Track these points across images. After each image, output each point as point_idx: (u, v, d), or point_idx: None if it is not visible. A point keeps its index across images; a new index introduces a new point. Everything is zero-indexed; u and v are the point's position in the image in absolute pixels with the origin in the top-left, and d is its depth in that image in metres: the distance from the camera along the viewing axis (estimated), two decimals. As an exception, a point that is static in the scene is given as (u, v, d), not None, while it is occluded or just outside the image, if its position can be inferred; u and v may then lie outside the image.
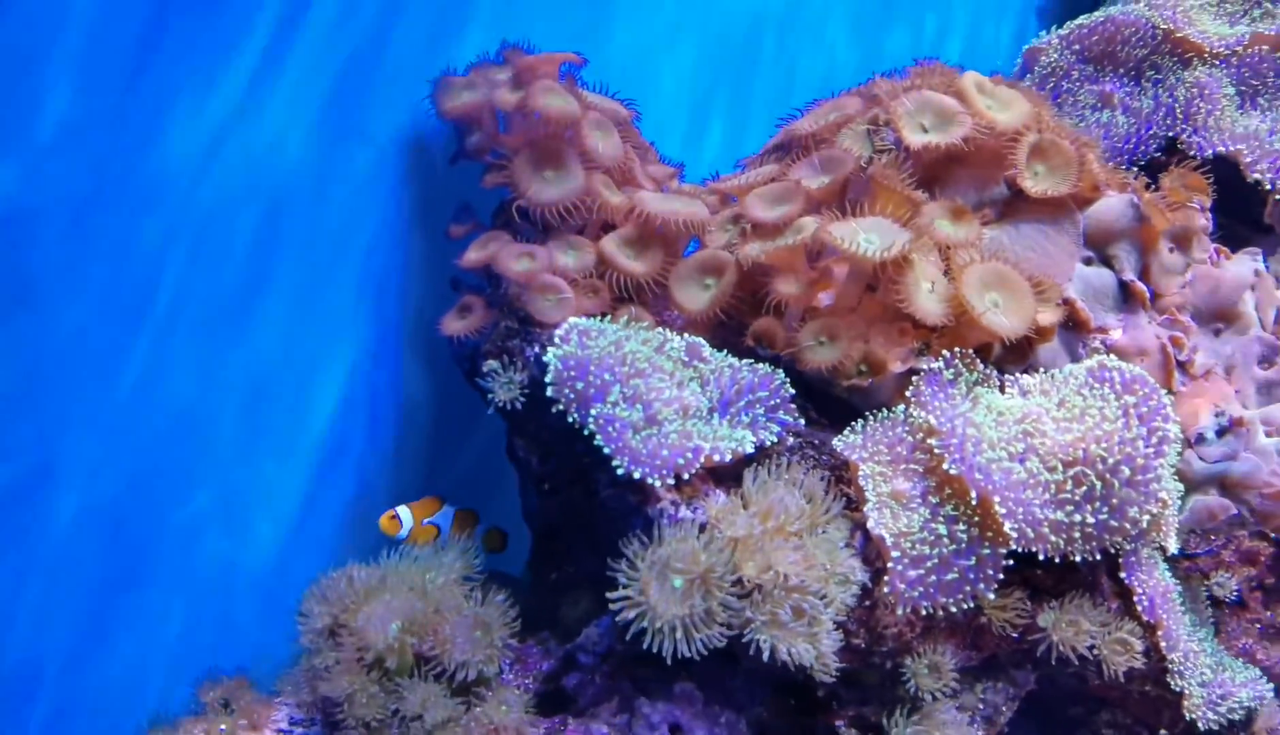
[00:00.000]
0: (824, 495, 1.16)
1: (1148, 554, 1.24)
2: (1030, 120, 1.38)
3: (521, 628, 1.36)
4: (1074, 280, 1.36)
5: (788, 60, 2.06)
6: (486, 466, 1.63)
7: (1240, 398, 1.38)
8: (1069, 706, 1.73)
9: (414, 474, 1.62)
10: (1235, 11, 2.06)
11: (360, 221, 1.46)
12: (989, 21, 2.48)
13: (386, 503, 1.57)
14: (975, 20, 2.44)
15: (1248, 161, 1.87)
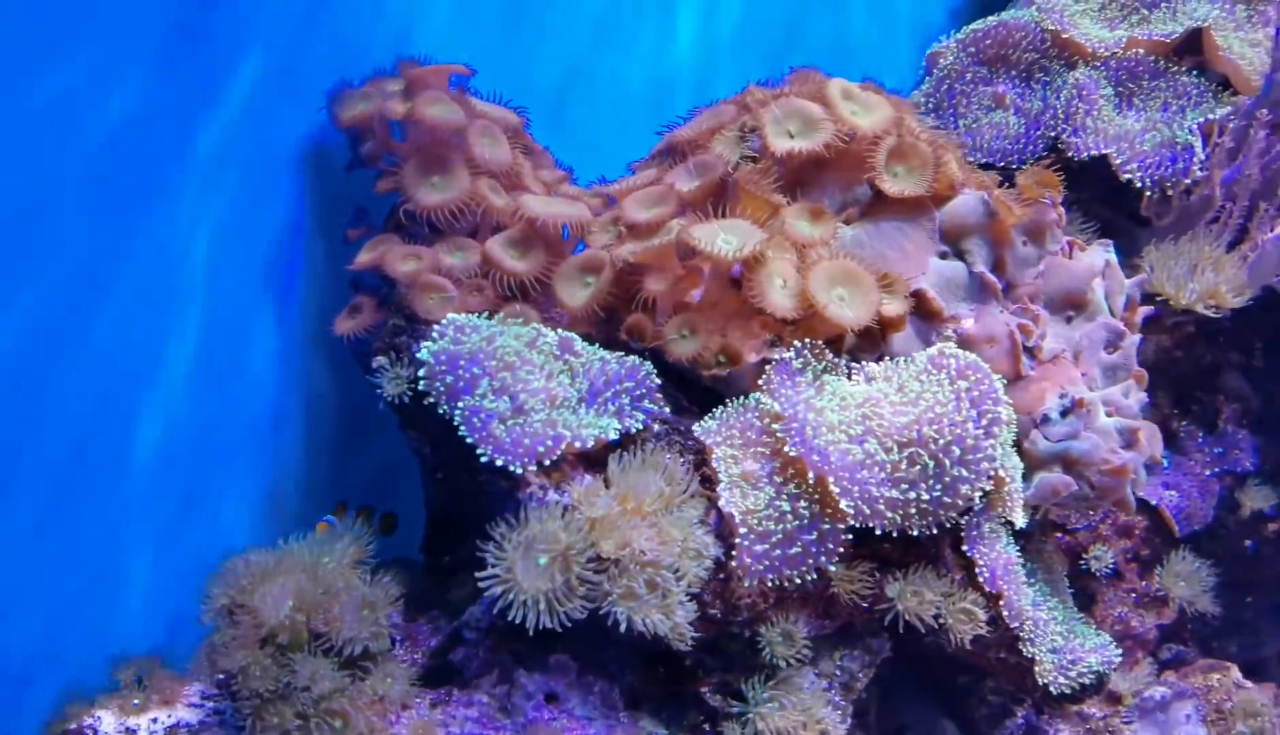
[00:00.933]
0: (682, 477, 1.26)
1: (990, 528, 1.34)
2: (890, 125, 1.48)
3: (415, 608, 1.46)
4: (929, 273, 1.46)
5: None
6: (394, 458, 1.71)
7: (1086, 380, 1.47)
8: (958, 675, 1.84)
9: (326, 468, 1.71)
10: (1115, 16, 2.16)
11: (265, 226, 1.54)
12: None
13: (300, 496, 1.66)
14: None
15: (1118, 162, 1.97)
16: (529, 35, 1.84)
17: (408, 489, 1.63)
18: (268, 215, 1.53)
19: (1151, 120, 2.04)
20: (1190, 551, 1.94)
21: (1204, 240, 1.92)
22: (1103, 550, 1.92)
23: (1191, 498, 1.94)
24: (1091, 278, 1.52)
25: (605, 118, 1.95)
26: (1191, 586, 1.92)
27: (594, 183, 1.60)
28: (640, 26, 2.03)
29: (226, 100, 1.46)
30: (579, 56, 1.92)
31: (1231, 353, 2.04)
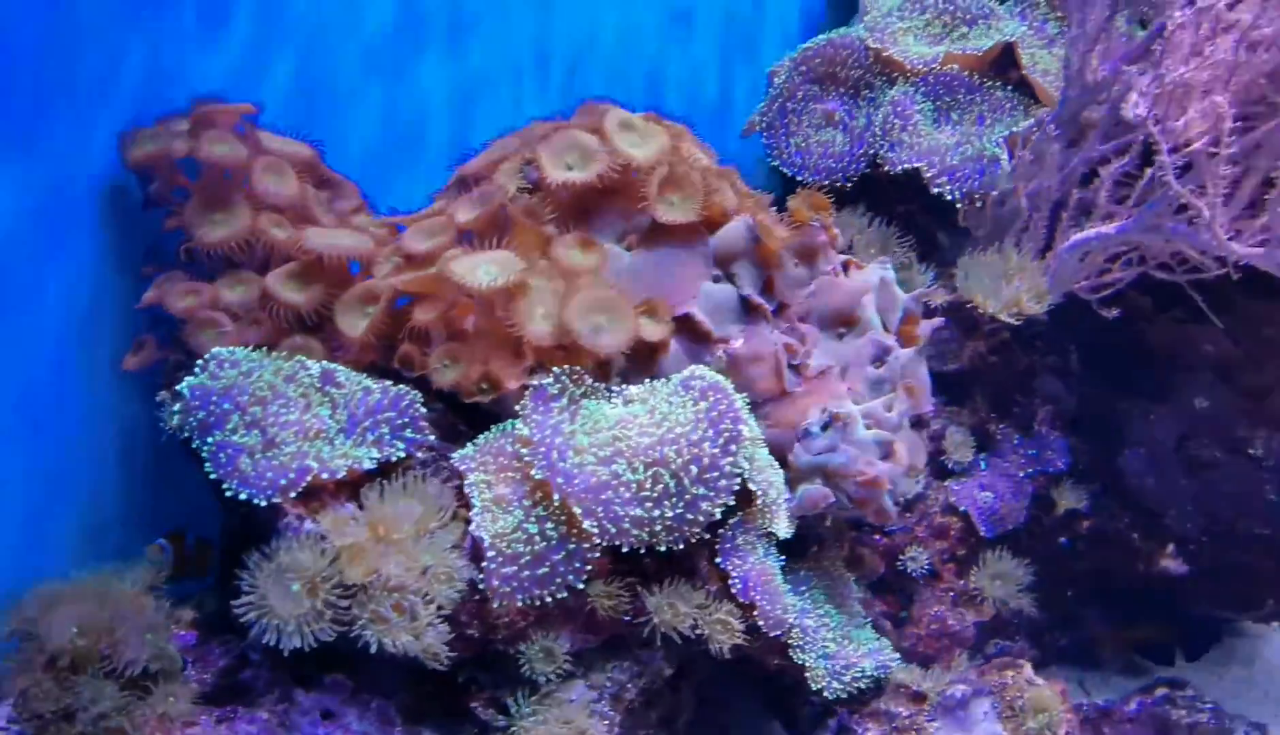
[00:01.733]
0: (440, 503, 1.31)
1: (745, 540, 1.40)
2: (664, 155, 1.54)
3: (212, 630, 1.51)
4: (700, 296, 1.52)
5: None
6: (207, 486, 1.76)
7: (853, 394, 1.54)
8: (784, 676, 1.91)
9: (143, 496, 1.75)
10: (939, 33, 2.23)
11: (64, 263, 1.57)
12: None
13: (117, 524, 1.70)
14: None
15: (928, 175, 2.05)
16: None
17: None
18: (72, 252, 1.56)
19: (966, 134, 2.12)
20: (1006, 550, 2.02)
21: (1011, 249, 1.99)
22: (918, 551, 1.99)
23: (1006, 498, 2.02)
24: (861, 295, 1.59)
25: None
26: (1007, 585, 2.00)
27: (384, 214, 1.66)
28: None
29: (34, 144, 1.50)
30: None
31: (1048, 357, 2.12)
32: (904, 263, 2.10)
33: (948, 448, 2.03)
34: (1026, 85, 2.17)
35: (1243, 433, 2.05)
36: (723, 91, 2.48)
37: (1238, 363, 2.12)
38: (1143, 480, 2.02)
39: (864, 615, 1.67)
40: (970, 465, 2.05)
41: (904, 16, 2.24)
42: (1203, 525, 1.98)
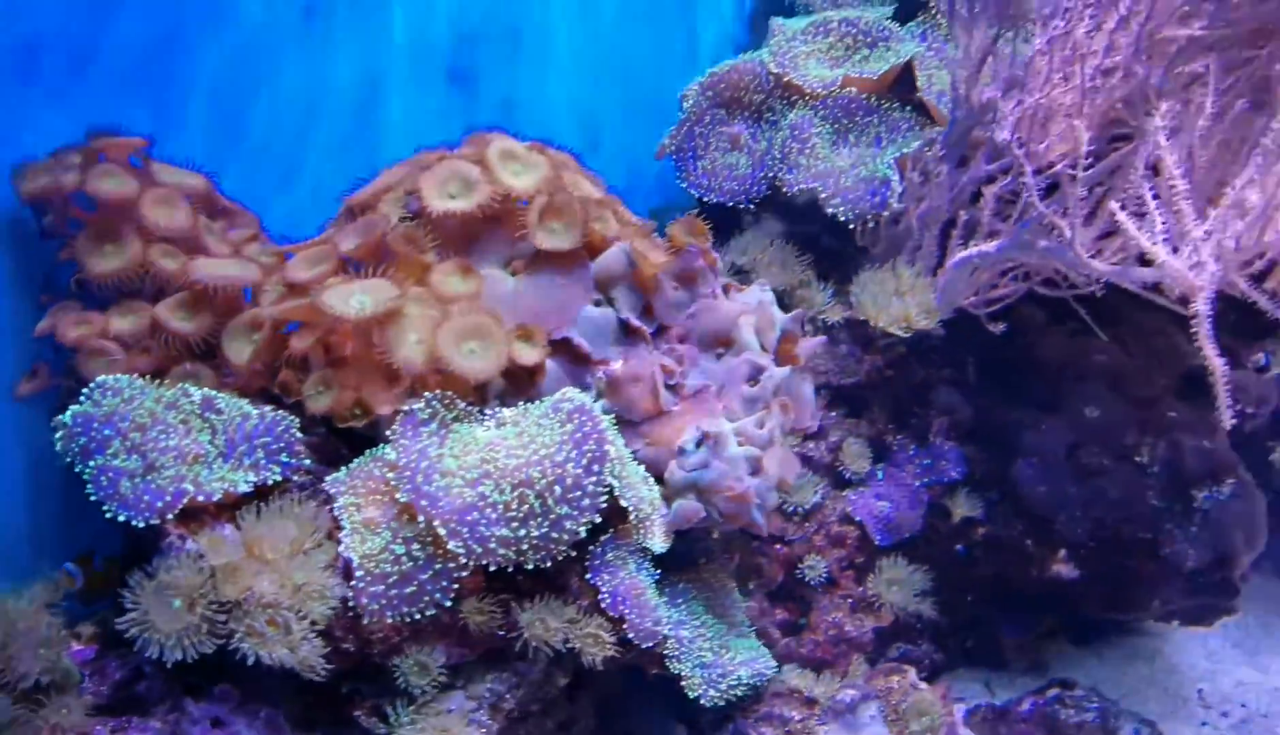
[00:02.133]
0: (313, 524, 1.37)
1: (615, 556, 1.46)
2: (545, 184, 1.59)
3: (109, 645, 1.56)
4: (581, 321, 1.58)
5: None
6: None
7: (728, 412, 1.60)
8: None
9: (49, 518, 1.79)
10: (840, 56, 2.30)
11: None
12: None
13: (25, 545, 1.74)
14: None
15: (822, 197, 2.11)
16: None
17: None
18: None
19: (862, 156, 2.19)
20: (903, 558, 2.09)
21: (902, 267, 2.06)
22: (816, 560, 2.05)
23: (902, 507, 2.09)
24: (738, 317, 1.65)
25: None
26: (903, 591, 2.07)
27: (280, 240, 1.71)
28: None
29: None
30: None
31: (944, 370, 2.19)
32: (803, 281, 2.17)
33: (845, 458, 2.10)
34: (926, 106, 2.25)
35: (1130, 440, 2.12)
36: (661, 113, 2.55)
37: (1128, 373, 2.20)
38: (1034, 488, 2.09)
39: (747, 624, 1.73)
40: (868, 475, 2.11)
41: (807, 40, 2.30)
42: (1091, 531, 2.05)
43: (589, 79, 2.45)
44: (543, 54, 2.37)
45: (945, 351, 2.18)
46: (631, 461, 1.51)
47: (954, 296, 2.02)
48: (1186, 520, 2.05)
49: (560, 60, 2.42)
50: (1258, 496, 2.09)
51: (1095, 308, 2.16)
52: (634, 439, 1.57)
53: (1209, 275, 1.41)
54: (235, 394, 1.51)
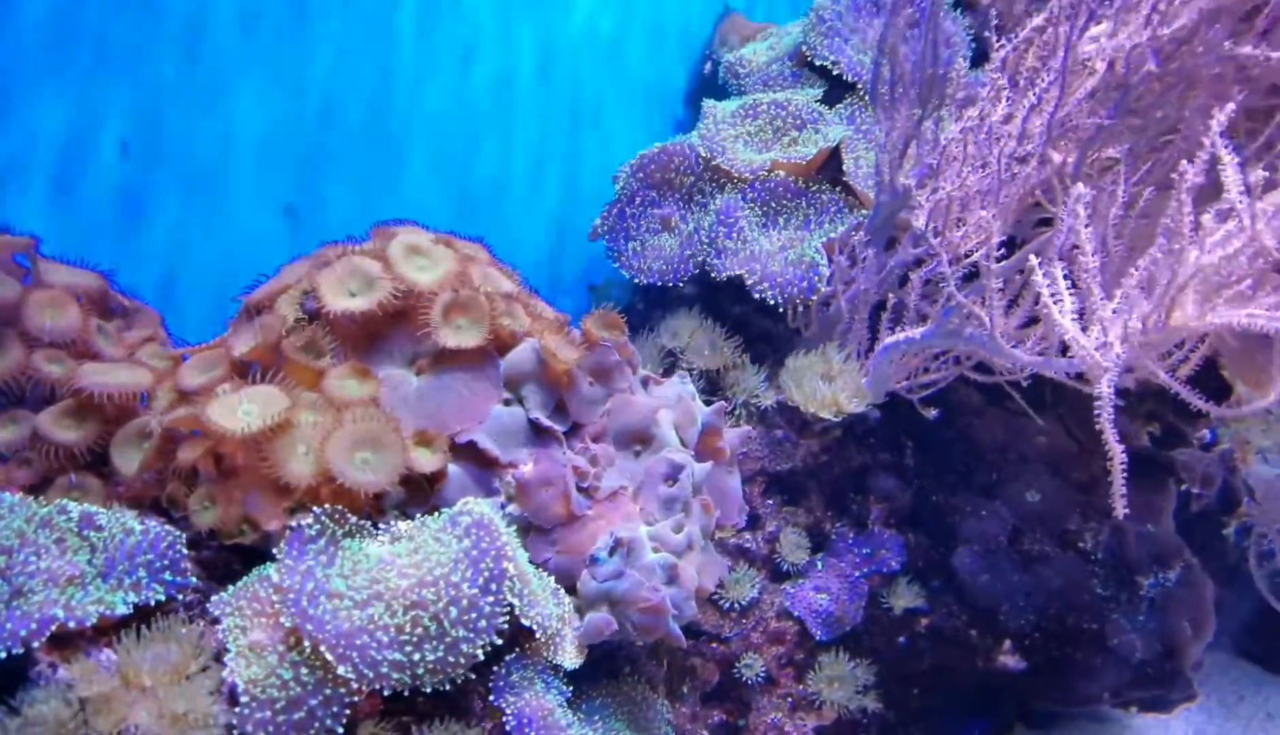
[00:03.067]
0: (198, 646, 1.28)
1: (521, 676, 1.38)
2: (450, 279, 1.54)
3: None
4: (489, 420, 1.52)
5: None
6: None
7: (645, 515, 1.54)
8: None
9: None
10: (769, 139, 2.28)
11: None
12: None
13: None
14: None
15: (750, 282, 2.08)
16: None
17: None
18: None
19: (791, 238, 2.16)
20: (844, 652, 2.01)
21: (831, 351, 2.02)
22: (753, 658, 1.97)
23: (841, 600, 2.02)
24: (656, 413, 1.59)
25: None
26: (844, 687, 1.99)
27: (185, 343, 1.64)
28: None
29: None
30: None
31: (882, 454, 2.14)
32: (735, 363, 2.12)
33: (783, 550, 2.04)
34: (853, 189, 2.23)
35: (1073, 526, 2.07)
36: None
37: (1070, 455, 2.16)
38: (976, 577, 2.03)
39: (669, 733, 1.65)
40: (806, 567, 2.05)
41: (737, 123, 2.29)
42: (1035, 621, 1.99)
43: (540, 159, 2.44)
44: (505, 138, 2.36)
45: (883, 435, 2.13)
46: (538, 575, 1.44)
47: (883, 381, 1.98)
48: (1133, 609, 1.99)
49: (515, 144, 2.41)
50: (1205, 582, 2.04)
51: (1036, 387, 2.13)
52: (545, 547, 1.50)
53: (1114, 357, 1.38)
54: (126, 505, 1.43)
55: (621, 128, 2.62)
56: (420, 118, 2.26)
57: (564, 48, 2.50)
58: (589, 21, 2.52)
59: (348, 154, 2.16)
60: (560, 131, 2.52)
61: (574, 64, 2.54)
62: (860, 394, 1.98)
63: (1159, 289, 1.34)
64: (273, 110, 2.03)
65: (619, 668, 1.67)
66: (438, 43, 2.27)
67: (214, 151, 1.97)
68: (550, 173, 2.51)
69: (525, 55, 2.43)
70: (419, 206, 2.31)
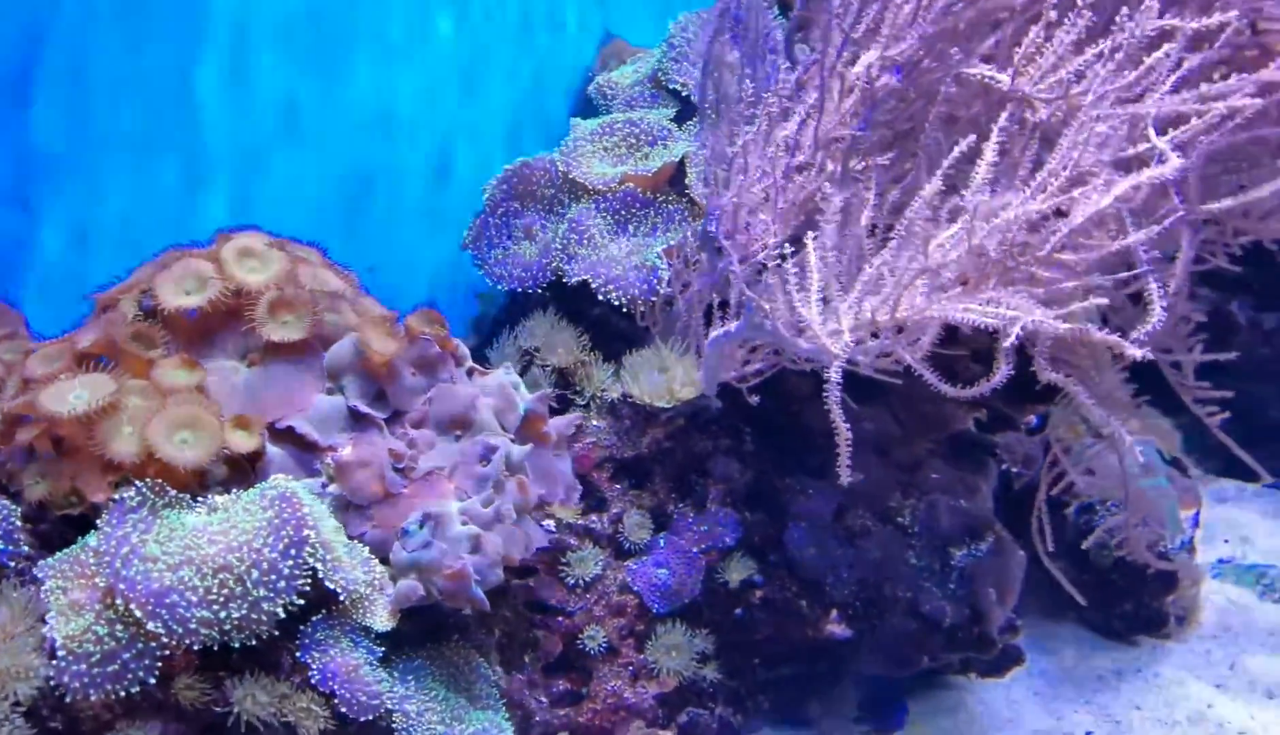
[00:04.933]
0: (25, 608, 1.44)
1: (327, 634, 1.53)
2: (279, 278, 1.71)
3: None
4: (312, 408, 1.68)
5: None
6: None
7: (459, 492, 1.70)
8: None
9: None
10: (623, 154, 2.47)
11: None
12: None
13: None
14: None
15: (595, 285, 2.25)
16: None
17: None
18: None
19: (637, 245, 2.34)
20: (683, 623, 2.17)
21: (665, 346, 2.19)
22: (595, 630, 2.13)
23: (679, 574, 2.18)
24: (474, 400, 1.76)
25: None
26: (681, 656, 2.15)
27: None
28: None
29: None
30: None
31: (723, 440, 2.30)
32: (585, 360, 2.29)
33: (626, 529, 2.20)
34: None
35: (894, 503, 2.24)
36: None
37: (894, 438, 2.33)
38: (804, 550, 2.20)
39: (495, 698, 1.80)
40: (650, 545, 2.21)
41: (595, 140, 2.47)
42: (856, 591, 2.16)
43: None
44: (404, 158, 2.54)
45: (724, 423, 2.30)
46: (348, 545, 1.59)
47: (715, 372, 2.15)
48: (944, 577, 2.16)
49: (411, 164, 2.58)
50: (1013, 553, 2.21)
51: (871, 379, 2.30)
52: (361, 522, 1.66)
53: (842, 344, 1.54)
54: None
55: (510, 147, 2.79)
56: (309, 132, 2.43)
57: (451, 72, 2.66)
58: (479, 51, 2.69)
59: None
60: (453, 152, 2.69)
61: (464, 87, 2.71)
62: (693, 384, 2.15)
63: (889, 283, 1.51)
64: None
65: (448, 635, 1.82)
66: (335, 64, 2.43)
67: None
68: (449, 189, 2.68)
69: (413, 80, 2.59)
70: (311, 218, 2.46)
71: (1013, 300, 1.46)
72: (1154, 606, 2.69)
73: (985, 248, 1.47)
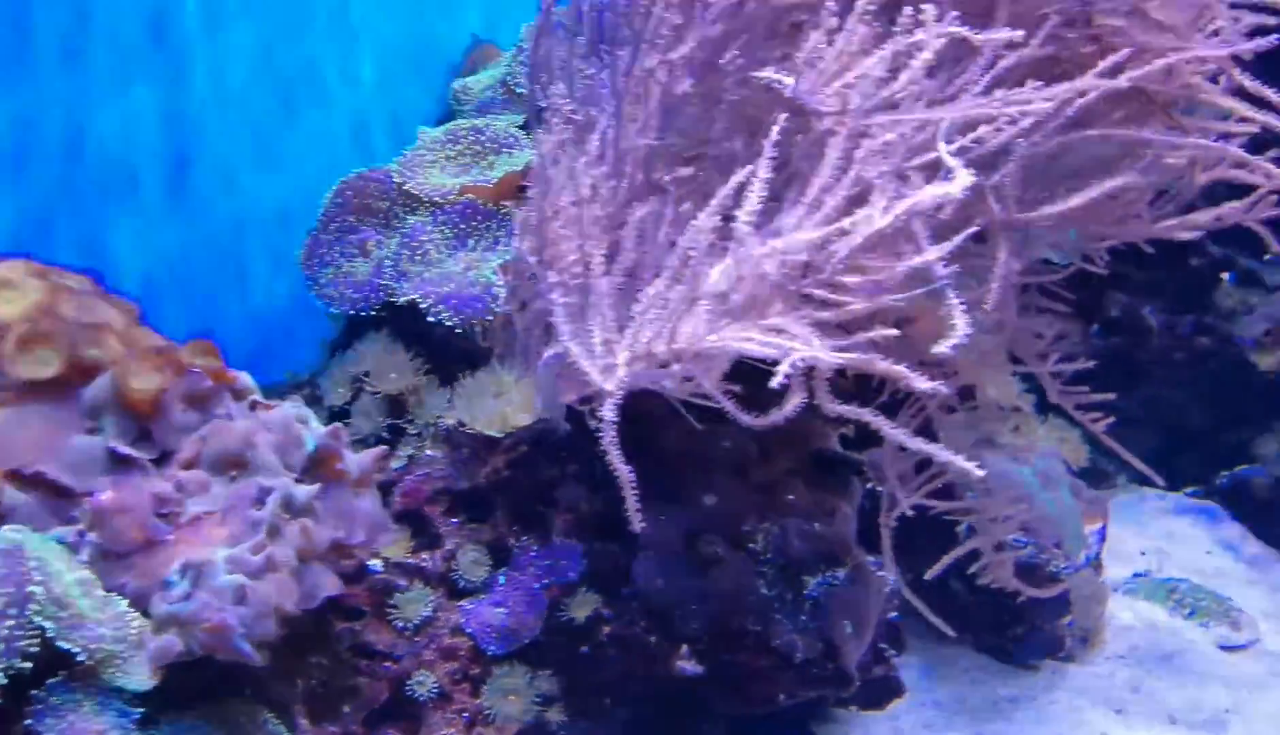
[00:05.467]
0: None
1: (66, 699, 1.40)
2: (35, 310, 1.58)
3: None
4: (68, 450, 1.55)
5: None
6: None
7: (231, 538, 1.57)
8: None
9: None
10: (467, 163, 2.34)
11: None
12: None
13: None
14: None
15: (425, 306, 2.13)
16: None
17: None
18: None
19: (476, 259, 2.21)
20: (522, 664, 2.04)
21: (501, 369, 2.07)
22: (425, 675, 2.00)
23: (518, 612, 2.05)
24: (250, 437, 1.63)
25: None
26: (521, 699, 2.02)
27: None
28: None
29: None
30: None
31: (571, 465, 2.18)
32: (420, 385, 2.17)
33: (460, 567, 2.07)
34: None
35: (748, 527, 2.12)
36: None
37: (752, 458, 2.21)
38: (653, 582, 2.07)
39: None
40: (489, 582, 2.08)
41: (439, 148, 2.35)
42: (706, 624, 2.03)
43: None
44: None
45: (572, 448, 2.18)
46: (99, 598, 1.46)
47: (552, 394, 2.02)
48: (796, 609, 2.04)
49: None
50: (871, 582, 2.09)
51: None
52: (121, 572, 1.52)
53: (617, 379, 1.43)
54: None
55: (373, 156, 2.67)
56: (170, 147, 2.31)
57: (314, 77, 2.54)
58: (343, 56, 2.57)
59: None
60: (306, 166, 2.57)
61: (330, 92, 2.59)
62: (528, 408, 2.03)
63: (665, 311, 1.39)
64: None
65: (240, 689, 1.69)
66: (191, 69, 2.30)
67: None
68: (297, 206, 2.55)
69: (278, 88, 2.47)
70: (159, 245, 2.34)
71: (795, 328, 1.34)
72: (1047, 630, 2.58)
73: (766, 271, 1.35)
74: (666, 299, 1.40)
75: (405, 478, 2.09)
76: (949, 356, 1.32)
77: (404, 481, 2.09)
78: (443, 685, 2.00)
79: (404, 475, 2.10)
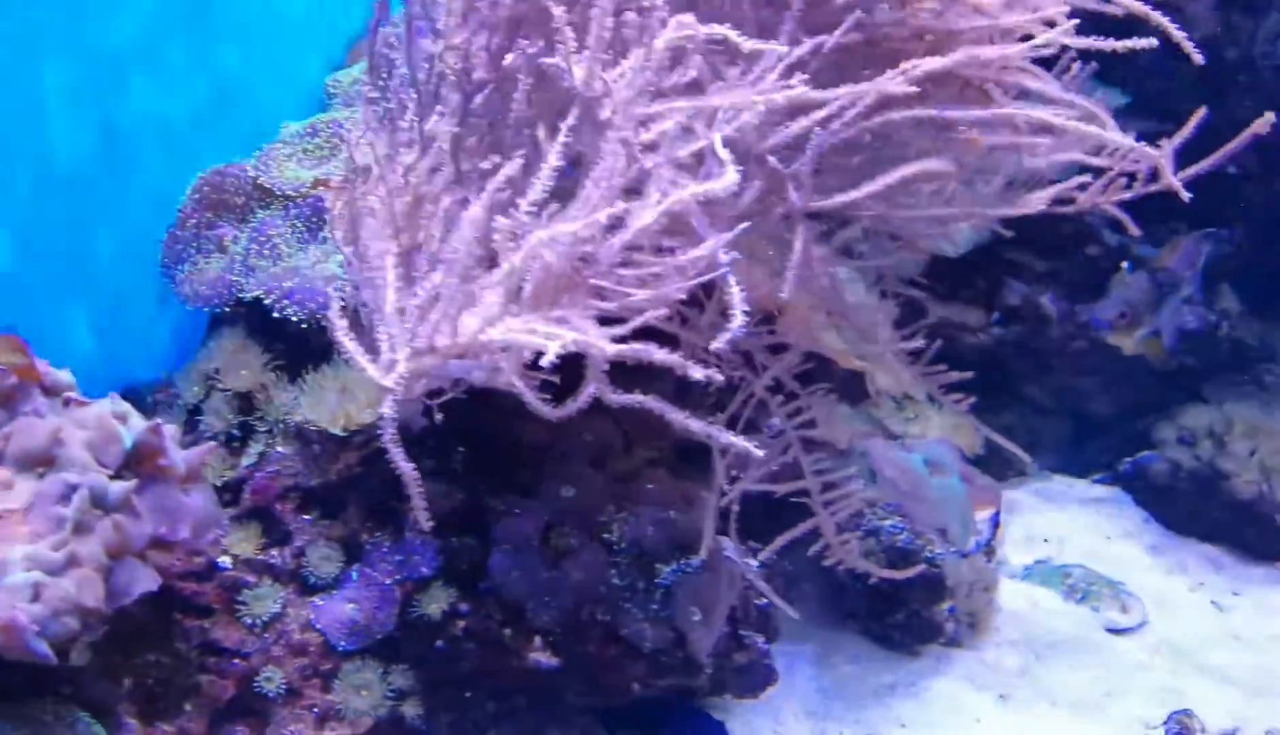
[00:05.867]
0: None
1: None
2: None
3: None
4: None
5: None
6: None
7: (34, 535, 1.54)
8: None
9: None
10: (325, 156, 2.32)
11: None
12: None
13: None
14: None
15: (268, 302, 2.10)
16: None
17: None
18: None
19: (325, 254, 2.19)
20: (375, 659, 2.03)
21: (343, 365, 2.05)
22: (273, 671, 1.98)
23: (370, 608, 2.03)
24: (57, 433, 1.60)
25: None
26: (373, 695, 2.01)
27: None
28: None
29: None
30: None
31: (428, 460, 2.16)
32: (269, 382, 2.14)
33: (310, 563, 2.05)
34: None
35: (605, 517, 2.11)
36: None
37: (615, 450, 2.20)
38: (508, 575, 2.06)
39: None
40: (341, 578, 2.06)
41: (298, 141, 2.33)
42: (558, 616, 2.02)
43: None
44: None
45: (430, 441, 2.16)
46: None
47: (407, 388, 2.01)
48: (647, 598, 2.02)
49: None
50: (723, 571, 2.08)
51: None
52: (-86, 572, 1.50)
53: (396, 377, 1.42)
54: None
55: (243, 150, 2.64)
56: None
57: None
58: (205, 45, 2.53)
59: None
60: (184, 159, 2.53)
61: (212, 88, 2.55)
62: (373, 404, 2.01)
63: (441, 307, 1.38)
64: None
65: (51, 689, 1.67)
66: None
67: None
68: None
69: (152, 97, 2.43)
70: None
71: (577, 319, 1.33)
72: (924, 615, 2.59)
73: (549, 262, 1.34)
74: (448, 292, 1.39)
75: (255, 474, 2.07)
76: (724, 350, 1.32)
77: (254, 478, 2.07)
78: (292, 682, 1.98)
79: (254, 472, 2.07)
